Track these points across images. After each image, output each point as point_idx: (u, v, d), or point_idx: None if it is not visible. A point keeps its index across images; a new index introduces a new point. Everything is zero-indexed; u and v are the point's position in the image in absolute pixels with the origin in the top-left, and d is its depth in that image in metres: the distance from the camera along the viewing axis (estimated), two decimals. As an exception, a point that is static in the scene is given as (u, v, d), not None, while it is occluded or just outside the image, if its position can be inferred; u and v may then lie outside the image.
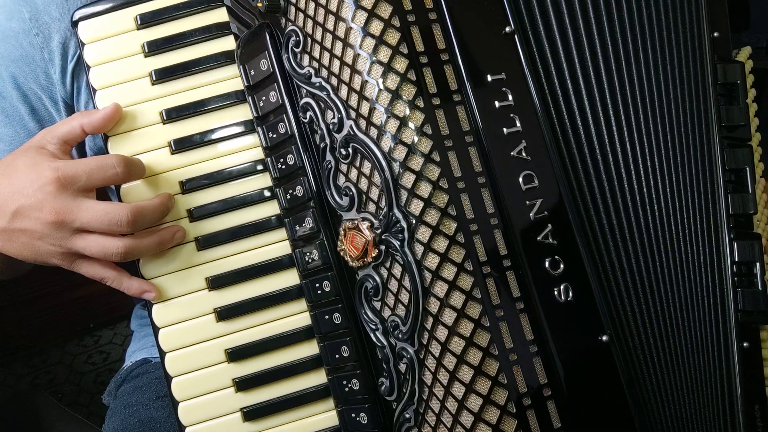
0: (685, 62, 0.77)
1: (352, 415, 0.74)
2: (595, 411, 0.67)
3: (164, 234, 0.75)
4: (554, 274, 0.66)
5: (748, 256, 0.77)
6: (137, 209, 0.71)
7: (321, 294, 0.74)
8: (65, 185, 0.69)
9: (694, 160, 0.76)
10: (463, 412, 0.65)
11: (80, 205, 0.69)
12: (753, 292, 0.77)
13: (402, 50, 0.65)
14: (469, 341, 0.64)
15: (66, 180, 0.69)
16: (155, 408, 0.93)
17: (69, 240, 0.70)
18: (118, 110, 0.77)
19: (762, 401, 0.78)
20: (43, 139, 0.74)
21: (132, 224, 0.70)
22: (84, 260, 0.73)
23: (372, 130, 0.66)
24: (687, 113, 0.76)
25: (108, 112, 0.76)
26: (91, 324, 2.06)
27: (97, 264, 0.75)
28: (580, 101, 0.72)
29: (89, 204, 0.69)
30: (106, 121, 0.76)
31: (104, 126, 0.76)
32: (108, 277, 0.75)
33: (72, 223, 0.69)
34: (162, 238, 0.75)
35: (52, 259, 0.73)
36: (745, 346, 0.77)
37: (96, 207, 0.69)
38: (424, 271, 0.65)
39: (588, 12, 0.72)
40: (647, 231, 0.73)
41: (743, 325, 0.77)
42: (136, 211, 0.70)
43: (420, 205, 0.64)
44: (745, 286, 0.77)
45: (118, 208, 0.70)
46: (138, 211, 0.71)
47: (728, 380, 0.76)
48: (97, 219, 0.69)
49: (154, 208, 0.73)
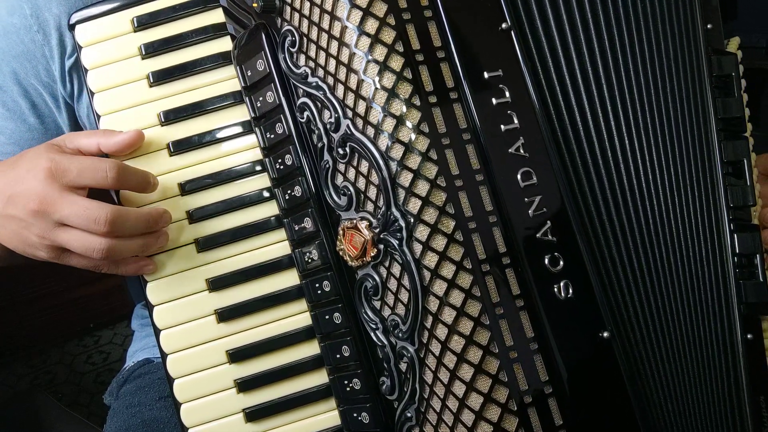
0: (681, 55, 0.76)
1: (353, 415, 0.74)
2: (597, 408, 0.66)
3: (148, 239, 0.74)
4: (554, 271, 0.66)
5: (749, 248, 0.76)
6: (119, 212, 0.69)
7: (321, 294, 0.74)
8: (55, 176, 0.68)
9: (693, 153, 0.75)
10: (464, 410, 0.65)
11: (64, 197, 0.68)
12: (755, 284, 0.76)
13: (398, 48, 0.64)
14: (469, 339, 0.64)
15: (57, 171, 0.68)
16: (158, 408, 0.93)
17: (52, 232, 0.69)
18: (139, 137, 0.76)
19: (766, 392, 0.77)
20: (63, 141, 0.75)
21: (110, 224, 0.68)
22: (72, 254, 0.72)
23: (369, 129, 0.66)
24: (684, 106, 0.75)
25: (127, 139, 0.75)
26: (91, 324, 2.06)
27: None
28: (578, 97, 0.71)
29: (73, 198, 0.68)
30: (122, 146, 0.75)
31: (120, 151, 0.76)
32: (101, 265, 0.74)
33: (53, 214, 0.68)
34: (146, 241, 0.73)
35: (39, 252, 0.72)
36: (749, 337, 0.76)
37: (79, 201, 0.68)
38: (423, 270, 0.64)
39: (584, 7, 0.72)
40: (647, 226, 0.72)
41: (746, 318, 0.77)
42: (117, 214, 0.68)
43: (418, 203, 0.64)
44: (746, 278, 0.77)
45: (99, 207, 0.68)
46: (119, 214, 0.69)
47: (734, 373, 0.76)
48: (76, 213, 0.68)
49: (138, 216, 0.71)
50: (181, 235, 0.78)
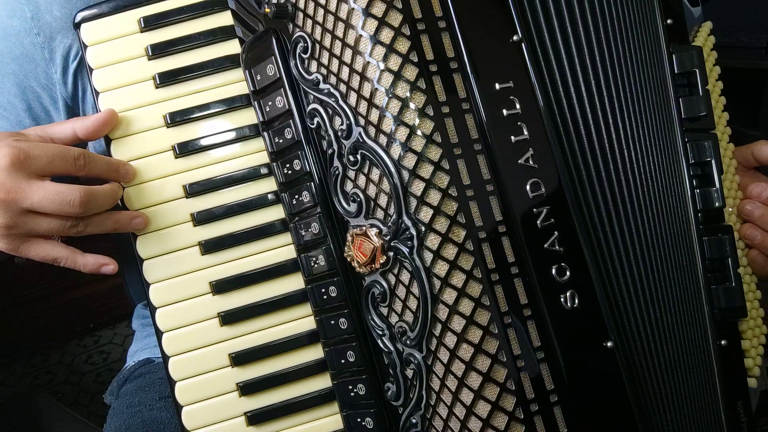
0: (645, 56, 0.76)
1: (357, 420, 0.74)
2: (601, 417, 0.67)
3: (122, 216, 0.74)
4: (561, 281, 0.67)
5: (719, 252, 0.77)
6: (89, 190, 0.69)
7: (327, 299, 0.74)
8: (22, 163, 0.67)
9: (666, 159, 0.76)
10: (471, 418, 0.65)
11: (32, 185, 0.67)
12: (726, 289, 0.77)
13: (412, 58, 0.65)
14: (477, 348, 0.65)
15: (25, 159, 0.67)
16: (158, 408, 0.92)
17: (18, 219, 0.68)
18: (113, 116, 0.76)
19: (744, 396, 0.78)
20: (28, 130, 0.74)
21: (84, 204, 0.68)
22: (31, 243, 0.71)
23: (381, 138, 0.66)
24: (652, 110, 0.75)
25: (101, 117, 0.75)
26: (91, 324, 2.04)
27: (46, 245, 0.72)
28: (584, 109, 0.72)
29: (42, 184, 0.68)
30: (99, 125, 0.75)
31: (97, 131, 0.76)
32: (60, 256, 0.73)
33: (21, 202, 0.67)
34: (118, 219, 0.74)
35: None
36: (723, 344, 0.77)
37: (49, 187, 0.68)
38: (433, 278, 0.65)
39: (576, 17, 0.72)
40: (645, 237, 0.74)
41: (720, 323, 0.77)
42: (89, 193, 0.69)
43: (430, 212, 0.65)
44: (719, 283, 0.77)
45: (71, 189, 0.68)
46: (90, 192, 0.69)
47: (711, 380, 0.77)
48: (49, 198, 0.67)
49: (105, 192, 0.72)
50: (185, 237, 0.78)
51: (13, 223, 0.68)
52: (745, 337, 0.79)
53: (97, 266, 0.75)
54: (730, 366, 0.77)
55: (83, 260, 0.74)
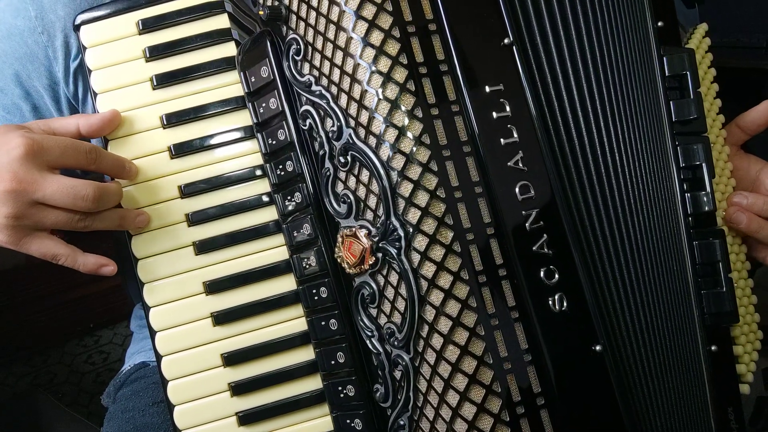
0: (636, 59, 0.75)
1: (347, 421, 0.74)
2: (589, 421, 0.67)
3: (128, 212, 0.75)
4: (549, 284, 0.67)
5: (709, 256, 0.76)
6: (102, 186, 0.70)
7: (318, 300, 0.75)
8: (36, 154, 0.67)
9: (657, 162, 0.76)
10: (457, 419, 0.65)
11: (45, 177, 0.67)
12: (716, 293, 0.76)
13: (402, 60, 0.65)
14: (464, 349, 0.65)
15: (38, 149, 0.67)
16: (150, 414, 0.93)
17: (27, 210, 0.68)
18: (117, 116, 0.77)
19: (736, 402, 0.78)
20: (32, 123, 0.74)
21: (97, 200, 0.69)
22: (34, 237, 0.71)
23: (371, 139, 0.66)
24: (645, 113, 0.75)
25: (106, 116, 0.77)
26: (91, 324, 2.04)
27: (48, 241, 0.72)
28: (575, 112, 0.72)
29: (56, 177, 0.68)
30: (103, 123, 0.76)
31: (101, 129, 0.76)
32: (61, 254, 0.73)
33: (33, 193, 0.67)
34: (124, 215, 0.75)
35: None
36: (713, 349, 0.76)
37: (63, 180, 0.68)
38: (421, 280, 0.65)
39: (568, 21, 0.73)
40: (635, 240, 0.73)
41: (711, 328, 0.76)
42: (102, 188, 0.70)
43: (417, 213, 0.65)
44: (710, 288, 0.76)
45: (85, 183, 0.69)
46: (104, 188, 0.71)
47: (701, 386, 0.76)
48: (63, 191, 0.68)
49: (115, 189, 0.73)
50: (180, 237, 0.78)
51: (21, 214, 0.68)
52: (738, 343, 0.78)
53: (96, 266, 0.75)
54: (721, 371, 0.76)
55: (83, 259, 0.74)
